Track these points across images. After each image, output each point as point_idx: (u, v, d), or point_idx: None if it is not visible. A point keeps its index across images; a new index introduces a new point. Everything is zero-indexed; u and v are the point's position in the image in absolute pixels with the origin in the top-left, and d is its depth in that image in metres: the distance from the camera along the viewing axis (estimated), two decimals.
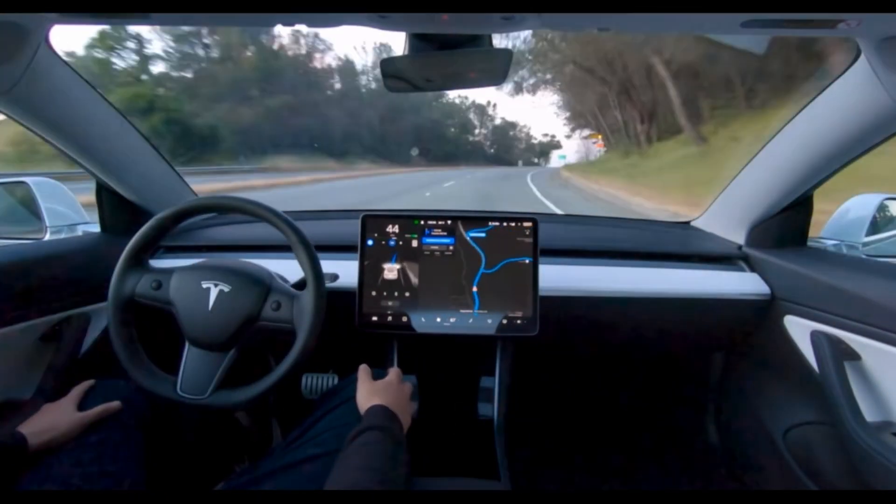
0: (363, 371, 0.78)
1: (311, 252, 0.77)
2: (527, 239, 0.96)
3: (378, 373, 0.80)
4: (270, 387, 0.75)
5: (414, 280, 0.96)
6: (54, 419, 0.70)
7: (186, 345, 0.77)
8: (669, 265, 1.08)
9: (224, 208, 0.85)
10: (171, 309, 0.77)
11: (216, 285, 0.76)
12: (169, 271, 0.79)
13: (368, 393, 0.73)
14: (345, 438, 0.64)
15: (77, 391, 0.76)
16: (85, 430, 0.70)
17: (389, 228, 0.97)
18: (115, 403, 0.75)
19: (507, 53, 0.69)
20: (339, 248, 1.04)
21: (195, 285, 0.77)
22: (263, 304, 0.77)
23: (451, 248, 0.96)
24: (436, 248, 0.96)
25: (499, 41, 0.69)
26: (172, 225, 0.82)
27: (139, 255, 0.80)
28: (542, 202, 10.23)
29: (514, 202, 10.60)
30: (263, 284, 0.79)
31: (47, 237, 1.21)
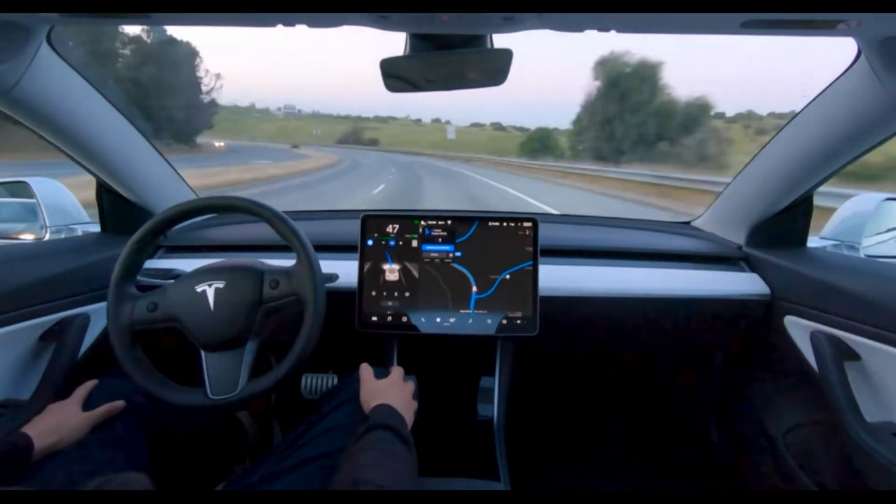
0: (365, 370, 0.78)
1: (290, 223, 0.77)
2: (527, 239, 0.96)
3: (378, 372, 0.79)
4: (296, 363, 0.75)
5: (414, 280, 0.96)
6: (60, 419, 0.70)
7: (202, 353, 0.76)
8: (669, 265, 1.08)
9: (203, 211, 0.83)
10: (175, 324, 0.76)
11: (210, 285, 0.76)
12: (160, 290, 0.79)
13: (373, 392, 0.73)
14: (348, 438, 0.64)
15: (81, 391, 0.76)
16: (90, 430, 0.70)
17: (389, 229, 0.97)
18: (119, 402, 0.75)
19: (507, 53, 0.68)
20: (339, 248, 1.04)
21: (190, 292, 0.76)
22: (261, 287, 0.77)
23: (450, 255, 0.97)
24: (435, 255, 0.97)
25: (500, 41, 0.69)
26: (153, 240, 0.80)
27: (126, 283, 0.78)
28: None
29: None
30: (255, 270, 0.79)
31: (47, 237, 1.21)
